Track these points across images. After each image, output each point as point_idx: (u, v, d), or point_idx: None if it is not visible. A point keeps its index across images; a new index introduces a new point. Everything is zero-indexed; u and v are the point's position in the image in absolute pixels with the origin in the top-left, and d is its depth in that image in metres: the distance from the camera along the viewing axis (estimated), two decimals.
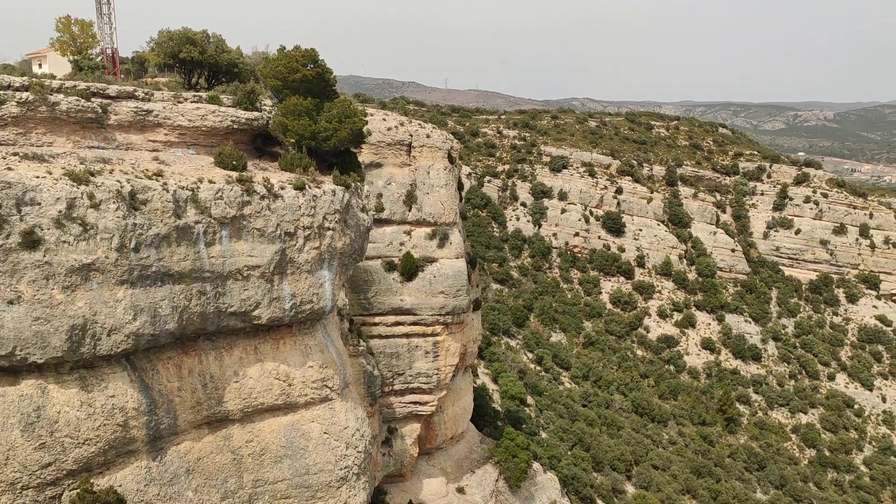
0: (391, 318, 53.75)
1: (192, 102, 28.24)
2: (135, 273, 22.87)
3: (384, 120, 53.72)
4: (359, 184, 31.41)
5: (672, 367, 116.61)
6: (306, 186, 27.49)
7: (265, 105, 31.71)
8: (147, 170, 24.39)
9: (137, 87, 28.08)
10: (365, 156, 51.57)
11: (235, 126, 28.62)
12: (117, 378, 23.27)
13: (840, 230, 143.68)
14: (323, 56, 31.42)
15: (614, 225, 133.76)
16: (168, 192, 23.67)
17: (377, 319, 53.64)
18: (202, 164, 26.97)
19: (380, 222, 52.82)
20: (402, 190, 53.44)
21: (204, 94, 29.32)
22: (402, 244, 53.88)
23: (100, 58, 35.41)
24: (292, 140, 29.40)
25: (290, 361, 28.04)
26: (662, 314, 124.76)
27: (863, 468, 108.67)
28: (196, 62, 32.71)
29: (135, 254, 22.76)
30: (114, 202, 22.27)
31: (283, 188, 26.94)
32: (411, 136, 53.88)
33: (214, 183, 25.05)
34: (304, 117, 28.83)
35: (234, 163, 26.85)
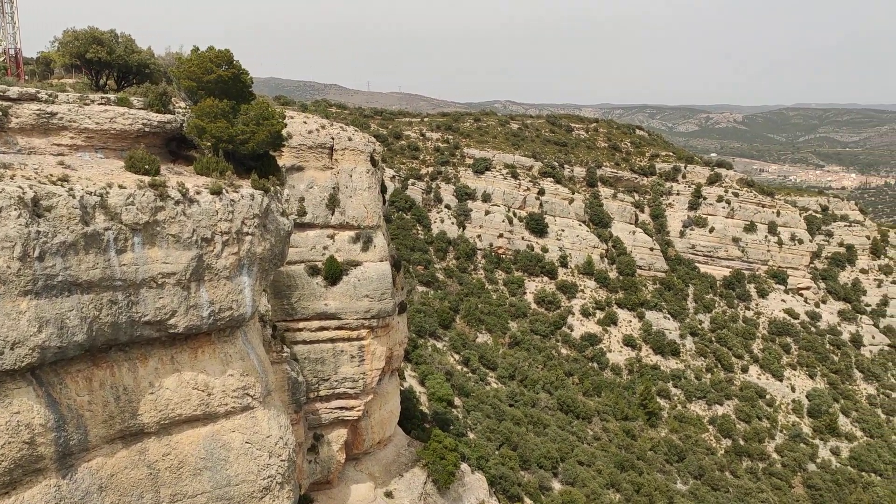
0: (315, 323, 53.02)
1: (99, 105, 27.13)
2: (39, 283, 21.77)
3: (305, 123, 52.96)
4: (278, 187, 30.82)
5: (595, 365, 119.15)
6: (223, 191, 26.78)
7: (179, 107, 30.76)
8: (52, 175, 23.29)
9: (40, 89, 26.78)
10: (286, 159, 50.77)
11: (147, 129, 27.66)
12: (22, 394, 22.10)
13: (750, 228, 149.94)
14: (242, 58, 30.73)
15: (537, 226, 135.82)
16: (74, 197, 22.64)
17: (301, 325, 52.82)
18: (112, 169, 25.94)
19: (302, 226, 52.05)
20: (324, 193, 52.81)
21: (113, 96, 28.23)
22: (325, 248, 53.24)
23: (2, 59, 33.68)
24: (208, 143, 28.61)
25: (210, 370, 27.26)
26: (585, 313, 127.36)
27: (775, 455, 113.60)
28: (104, 63, 31.44)
29: (39, 263, 21.67)
30: (15, 209, 21.15)
31: (199, 193, 26.16)
32: (333, 138, 53.31)
33: (125, 188, 24.11)
34: (220, 119, 28.10)
35: (147, 167, 25.93)
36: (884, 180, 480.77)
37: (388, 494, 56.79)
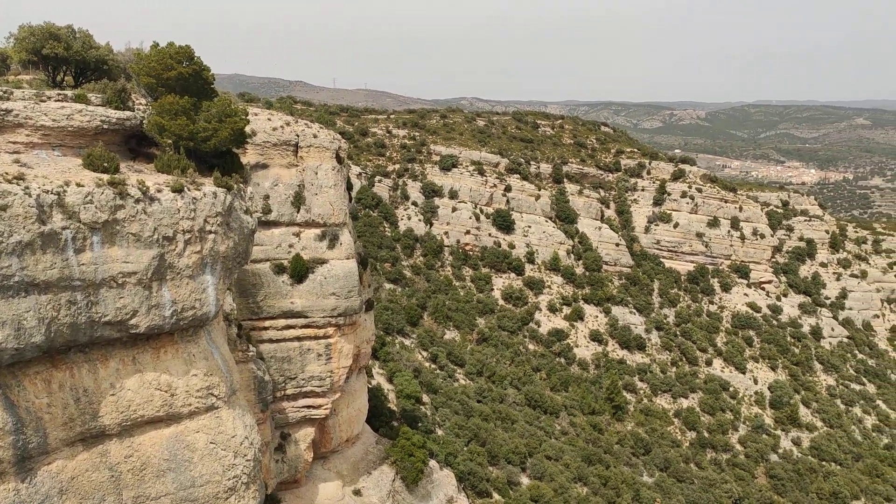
0: (282, 322, 52.61)
1: (56, 101, 26.58)
2: None
3: (269, 120, 52.46)
4: (242, 185, 30.50)
5: (563, 360, 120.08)
6: (185, 188, 26.41)
7: (139, 104, 30.28)
8: (7, 173, 22.77)
9: None
10: (250, 156, 50.30)
11: (106, 126, 27.17)
12: None
13: (714, 223, 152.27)
14: (205, 54, 30.31)
15: (504, 222, 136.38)
16: (31, 196, 22.17)
17: (267, 323, 52.36)
18: (69, 167, 25.44)
19: (267, 224, 51.62)
20: (289, 191, 52.39)
21: (70, 93, 27.66)
22: (291, 246, 52.84)
23: None
24: (169, 141, 28.18)
25: (173, 371, 26.91)
26: (552, 308, 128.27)
27: (738, 447, 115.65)
28: (61, 59, 30.77)
29: None
30: None
31: (159, 191, 25.78)
32: (298, 136, 52.88)
33: (83, 186, 23.68)
34: (181, 117, 27.70)
35: (105, 164, 25.48)
36: (842, 175, 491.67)
37: (357, 493, 56.63)
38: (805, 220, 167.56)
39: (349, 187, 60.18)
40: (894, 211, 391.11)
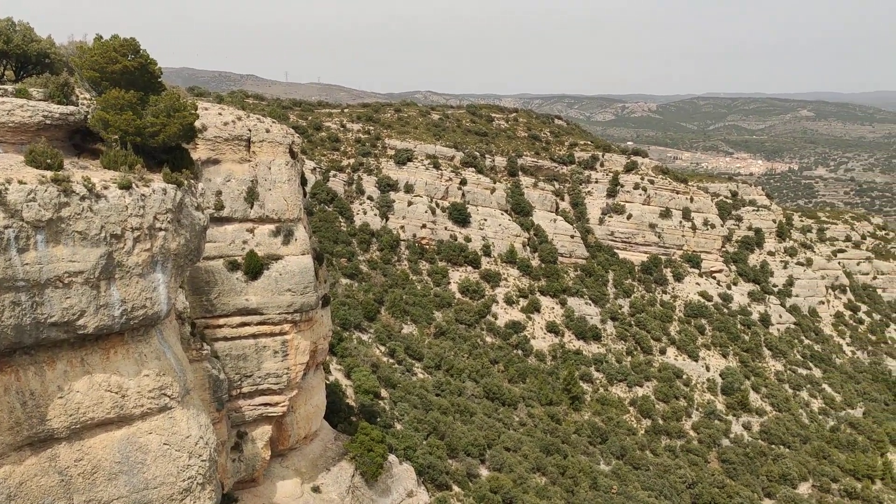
0: (237, 319, 51.85)
1: None
2: None
3: (220, 114, 51.53)
4: (192, 181, 29.94)
5: (520, 352, 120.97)
6: (133, 185, 25.80)
7: (83, 99, 29.46)
8: None
9: None
10: (201, 152, 49.37)
11: (48, 121, 26.38)
12: None
13: (666, 214, 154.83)
14: (153, 47, 29.60)
15: (460, 216, 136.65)
16: None
17: (222, 321, 51.56)
18: (11, 164, 24.64)
19: (220, 220, 50.76)
20: (242, 187, 51.59)
21: (11, 87, 26.80)
22: (245, 242, 52.07)
23: None
24: (115, 136, 27.47)
25: (123, 371, 26.33)
26: (509, 301, 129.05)
27: (692, 433, 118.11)
28: (1, 53, 29.78)
29: None
30: None
31: (106, 188, 25.14)
32: (250, 130, 52.08)
33: (25, 184, 22.96)
34: (127, 111, 27.01)
35: (49, 161, 24.73)
36: (788, 166, 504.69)
37: (316, 489, 56.29)
38: (753, 210, 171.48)
39: (303, 182, 59.54)
40: (837, 200, 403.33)
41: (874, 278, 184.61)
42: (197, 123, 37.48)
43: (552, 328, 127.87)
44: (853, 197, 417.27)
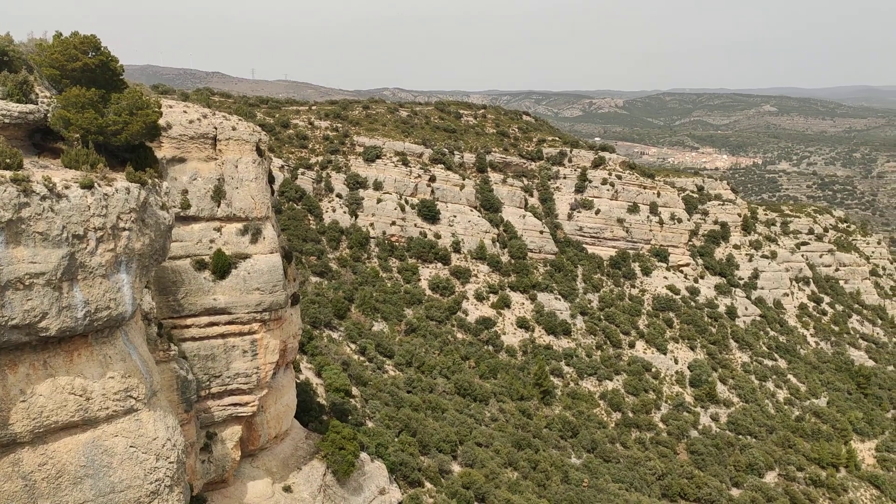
0: (205, 319, 51.33)
1: None
2: None
3: (185, 112, 50.92)
4: (157, 180, 29.54)
5: (491, 348, 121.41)
6: (95, 185, 25.38)
7: (43, 97, 28.89)
8: None
9: None
10: (166, 150, 48.78)
11: (7, 120, 25.84)
12: None
13: (633, 209, 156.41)
14: (116, 45, 29.23)
15: (429, 212, 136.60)
16: None
17: (189, 321, 51.00)
18: None
19: (187, 220, 50.19)
20: (209, 185, 51.07)
21: None
22: (212, 241, 51.54)
23: None
24: (76, 135, 27.00)
25: (88, 374, 25.91)
26: (479, 297, 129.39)
27: (661, 425, 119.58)
28: None
29: None
30: None
31: (67, 187, 24.70)
32: (216, 128, 51.53)
33: None
34: (88, 110, 26.58)
35: (8, 161, 24.22)
36: (752, 161, 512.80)
37: (287, 489, 55.99)
38: (719, 205, 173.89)
39: (271, 180, 59.08)
40: (800, 194, 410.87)
41: (836, 270, 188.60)
42: (161, 121, 37.00)
43: (522, 324, 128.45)
44: (815, 190, 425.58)
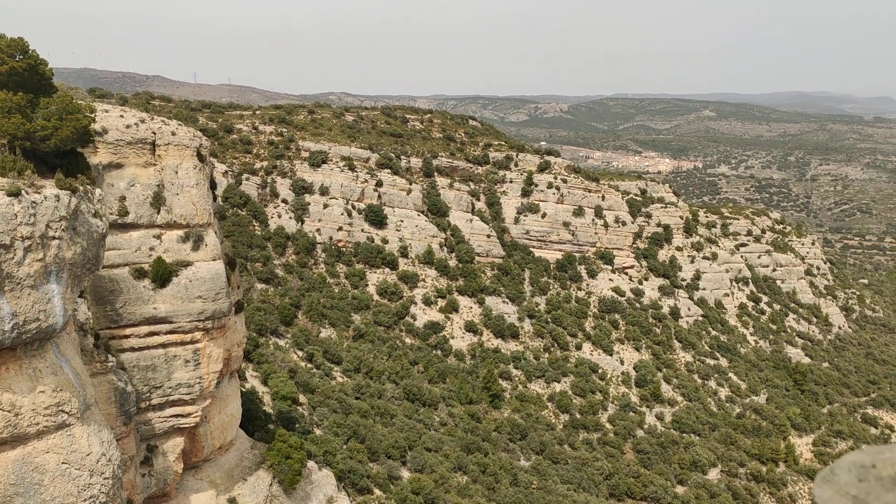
0: (144, 329, 49.95)
1: None
2: None
3: (122, 117, 49.57)
4: (89, 187, 28.66)
5: (439, 352, 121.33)
6: (23, 192, 24.47)
7: None
8: None
9: None
10: (102, 156, 47.36)
11: None
12: None
13: (579, 212, 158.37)
14: (49, 47, 28.39)
15: (376, 217, 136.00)
16: None
17: (128, 331, 49.55)
18: None
19: (125, 227, 48.81)
20: (148, 192, 49.76)
21: None
22: (152, 249, 50.22)
23: None
24: (3, 141, 26.04)
25: (16, 388, 24.91)
26: (427, 301, 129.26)
27: (608, 426, 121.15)
28: None
29: None
30: None
31: None
32: (155, 133, 50.29)
33: None
34: (15, 115, 25.63)
35: None
36: (693, 164, 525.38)
37: (232, 501, 54.86)
38: (662, 207, 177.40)
39: (213, 186, 57.93)
40: (739, 196, 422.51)
41: (774, 270, 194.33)
42: (97, 126, 35.98)
43: (471, 327, 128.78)
44: (753, 193, 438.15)
